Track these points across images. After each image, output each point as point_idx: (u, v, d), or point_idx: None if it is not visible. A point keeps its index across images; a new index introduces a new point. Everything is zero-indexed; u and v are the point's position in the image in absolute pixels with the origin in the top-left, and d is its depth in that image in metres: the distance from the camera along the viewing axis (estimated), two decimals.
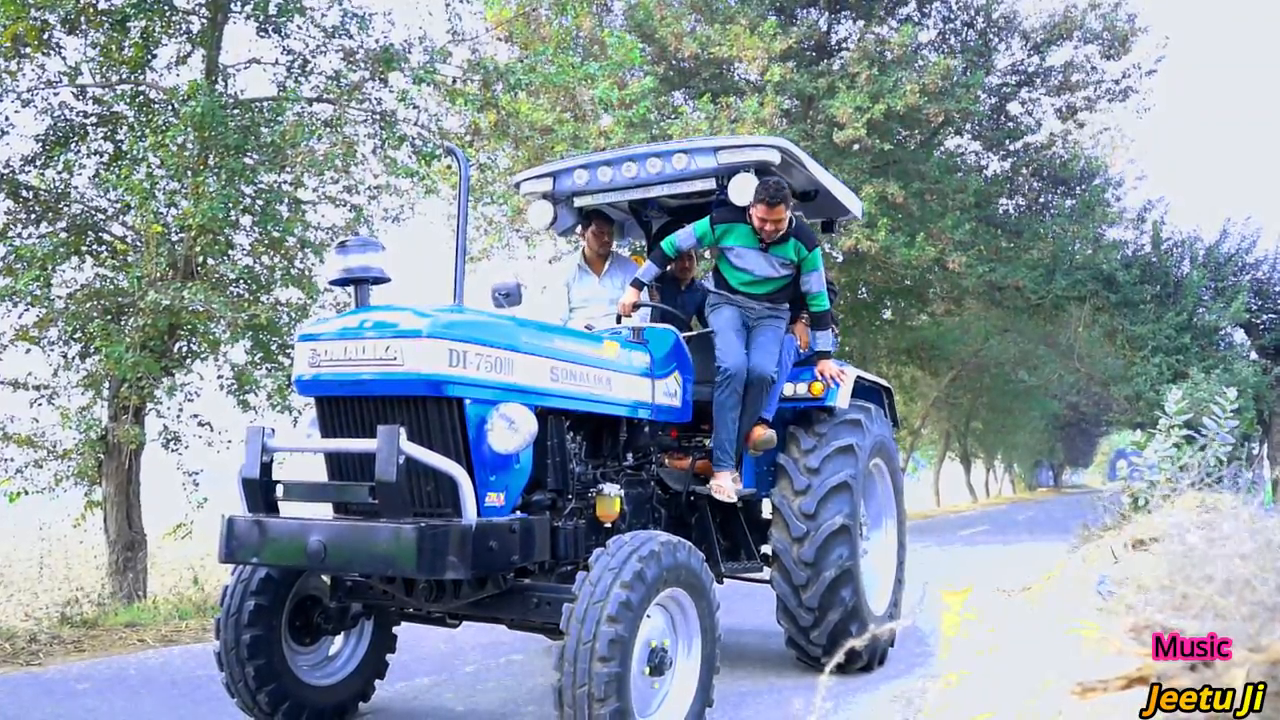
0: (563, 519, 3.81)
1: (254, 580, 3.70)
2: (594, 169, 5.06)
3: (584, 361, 3.93)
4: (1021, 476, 53.68)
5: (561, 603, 3.26)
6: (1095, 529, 10.62)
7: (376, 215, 9.77)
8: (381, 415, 3.32)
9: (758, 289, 5.01)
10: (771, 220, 4.75)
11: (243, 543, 3.26)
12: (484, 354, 3.36)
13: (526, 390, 3.55)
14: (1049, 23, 16.20)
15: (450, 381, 3.24)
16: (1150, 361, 16.13)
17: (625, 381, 4.20)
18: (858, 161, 14.75)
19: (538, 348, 3.67)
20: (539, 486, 3.73)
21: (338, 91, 8.67)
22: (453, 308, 3.53)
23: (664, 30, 14.99)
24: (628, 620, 3.06)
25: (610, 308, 5.52)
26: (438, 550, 2.98)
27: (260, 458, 3.28)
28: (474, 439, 3.31)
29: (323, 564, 3.12)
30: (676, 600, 3.43)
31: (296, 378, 3.43)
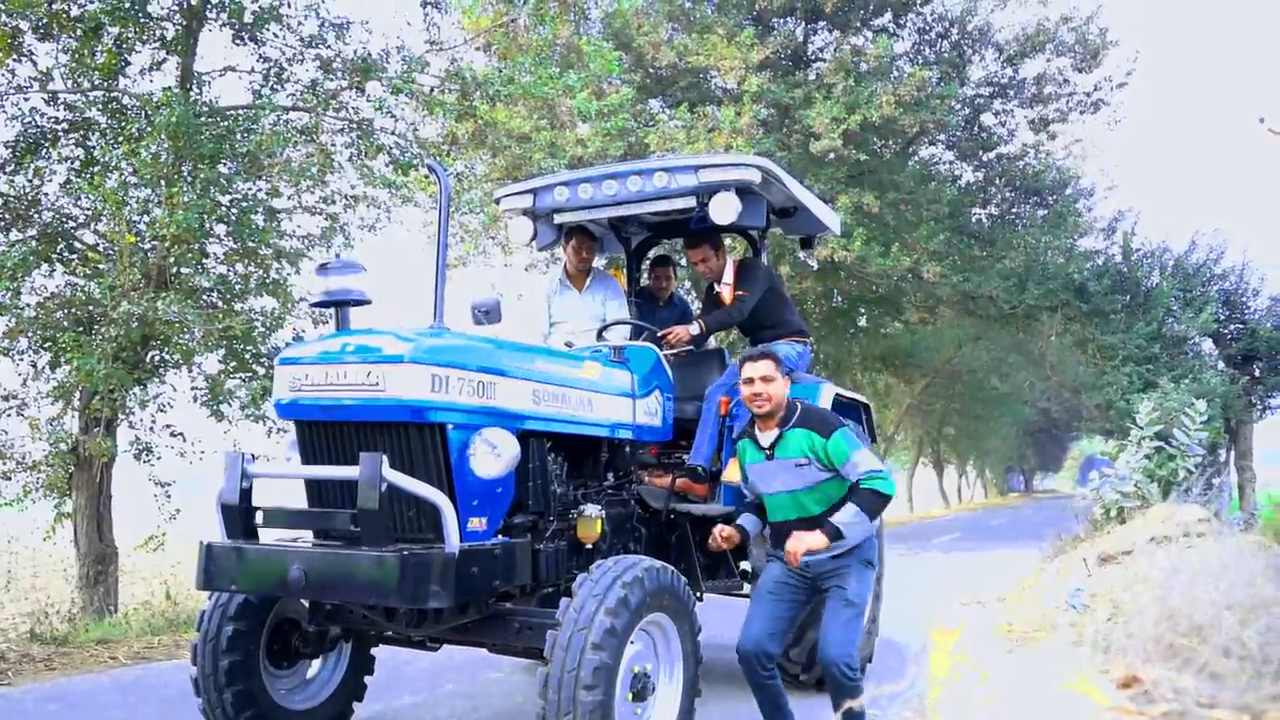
0: (544, 541, 3.80)
1: (232, 605, 3.66)
2: (574, 186, 5.05)
3: (566, 383, 3.93)
4: (993, 481, 54.14)
5: (544, 628, 3.25)
6: (1067, 539, 10.74)
7: (353, 224, 9.72)
8: (363, 440, 3.30)
9: (798, 511, 3.84)
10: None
11: (221, 569, 3.23)
12: (466, 378, 3.35)
13: (509, 414, 3.54)
14: (1022, 35, 16.37)
15: (433, 407, 3.22)
16: (1121, 371, 16.30)
17: (606, 402, 4.19)
18: (834, 171, 14.82)
19: (519, 370, 3.66)
20: (520, 509, 3.72)
21: (314, 100, 8.62)
22: (434, 331, 3.51)
23: (641, 39, 15.02)
24: (612, 647, 3.06)
25: (591, 323, 5.53)
26: (420, 579, 2.96)
27: (240, 483, 3.24)
28: (456, 464, 3.30)
29: (304, 592, 3.09)
30: (659, 625, 3.43)
31: (276, 401, 3.39)
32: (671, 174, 4.85)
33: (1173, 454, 9.93)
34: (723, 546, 3.88)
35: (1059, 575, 8.64)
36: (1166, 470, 9.78)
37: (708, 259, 5.29)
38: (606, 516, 4.13)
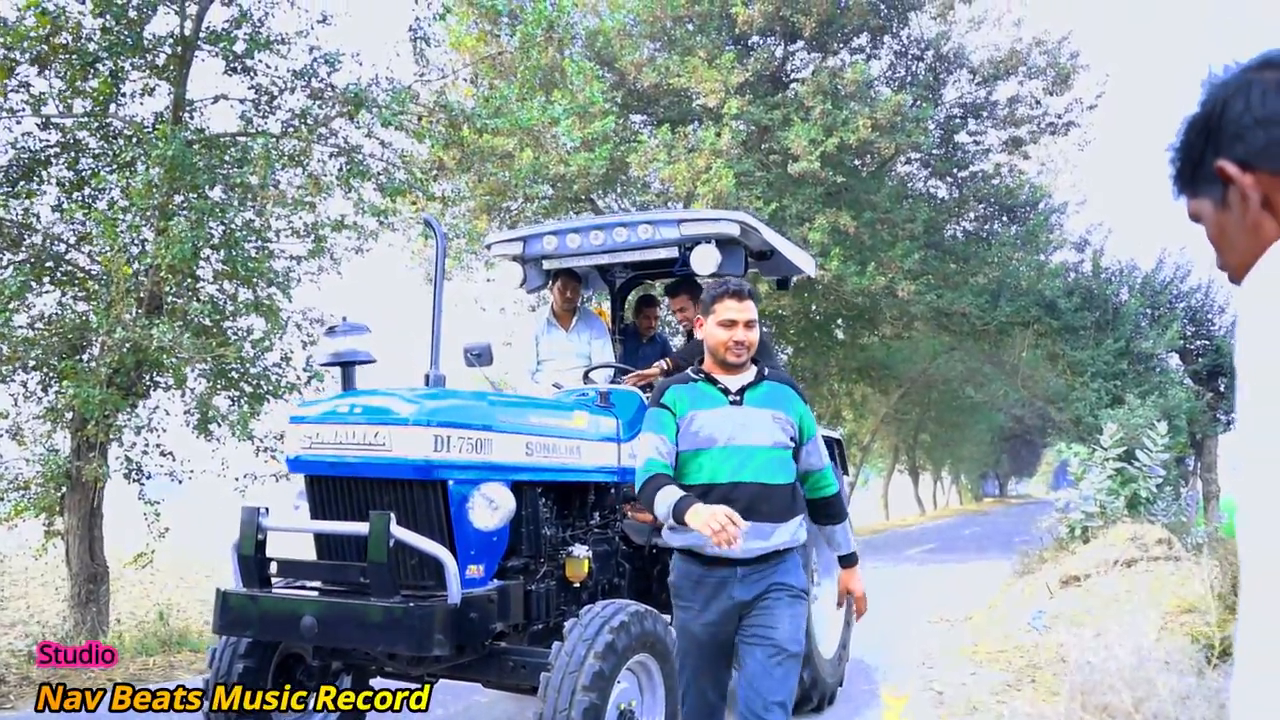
0: (535, 582, 4.06)
1: (241, 643, 3.90)
2: (563, 235, 5.31)
3: (555, 434, 4.19)
4: (968, 487, 54.74)
5: (537, 667, 3.51)
6: (1034, 556, 11.10)
7: (339, 245, 9.93)
8: (369, 495, 3.55)
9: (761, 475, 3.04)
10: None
11: (238, 616, 3.47)
12: (466, 436, 3.61)
13: (504, 467, 3.80)
14: (995, 58, 16.76)
15: (436, 465, 3.48)
16: (1090, 386, 16.71)
17: (593, 448, 4.46)
18: (811, 191, 15.15)
19: (513, 425, 3.92)
20: (514, 553, 3.98)
21: (305, 128, 8.83)
22: (436, 392, 3.76)
23: (623, 59, 15.31)
24: (601, 689, 3.32)
25: (577, 360, 5.80)
26: (426, 629, 3.22)
27: (255, 536, 3.49)
28: (456, 517, 3.56)
29: (315, 638, 3.34)
30: (644, 665, 3.69)
31: (288, 457, 3.64)
32: (655, 227, 5.12)
33: (1135, 475, 10.31)
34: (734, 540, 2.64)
35: (1024, 594, 9.00)
36: (1129, 491, 10.15)
37: (686, 308, 5.58)
38: (593, 555, 4.40)
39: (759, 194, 14.88)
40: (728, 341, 3.10)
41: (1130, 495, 10.24)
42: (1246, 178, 1.09)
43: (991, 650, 6.91)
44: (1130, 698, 3.28)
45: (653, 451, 3.06)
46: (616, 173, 15.37)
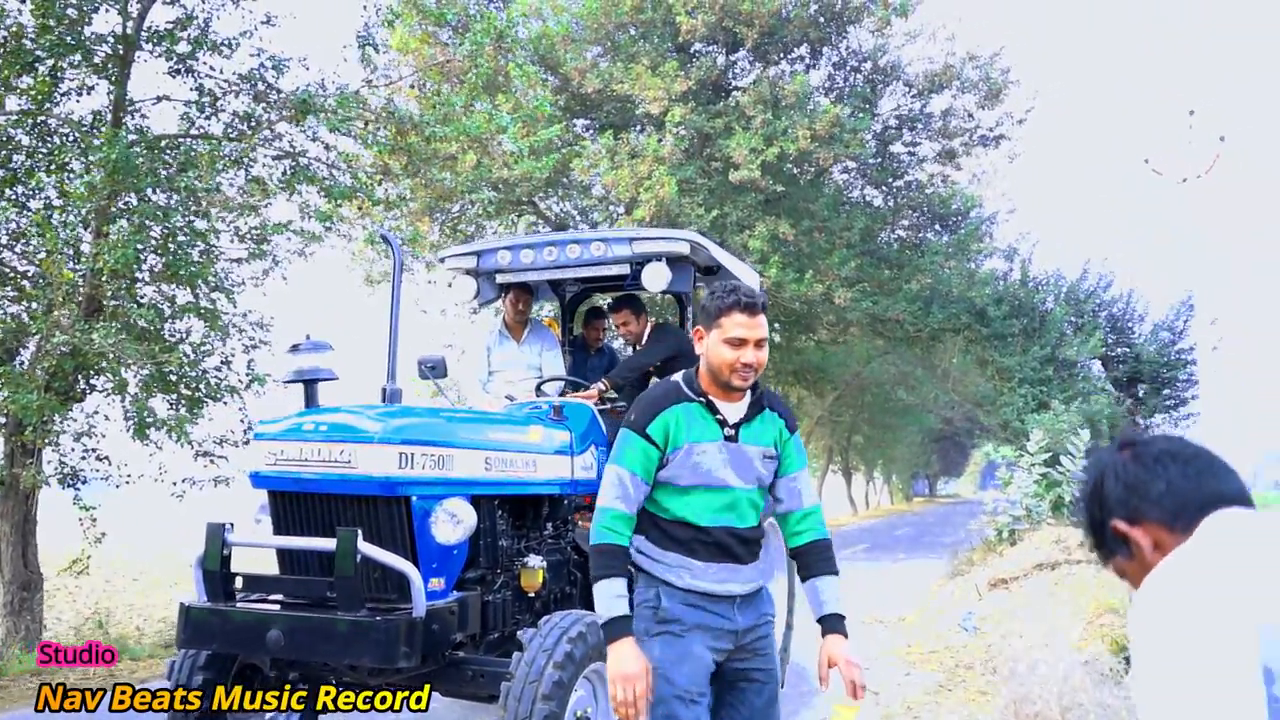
0: (492, 592, 4.18)
1: (201, 655, 3.94)
2: (516, 251, 5.42)
3: (512, 449, 4.31)
4: (899, 487, 55.86)
5: (496, 676, 3.63)
6: (963, 558, 11.50)
7: (281, 248, 9.87)
8: (333, 510, 3.63)
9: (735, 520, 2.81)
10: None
11: (202, 630, 3.53)
12: (429, 453, 3.71)
13: (465, 482, 3.91)
14: (930, 71, 17.22)
15: (400, 482, 3.58)
16: (1017, 392, 17.28)
17: (548, 462, 4.58)
18: (751, 199, 15.42)
19: (473, 441, 4.03)
20: (472, 565, 4.09)
21: (250, 131, 8.78)
22: (399, 410, 3.86)
23: (568, 65, 15.41)
24: (559, 697, 3.45)
25: (528, 372, 5.92)
26: (392, 642, 3.32)
27: (221, 551, 3.55)
28: (419, 531, 3.66)
29: (281, 651, 3.42)
30: (598, 672, 3.83)
31: (252, 473, 3.70)
32: (608, 244, 5.26)
33: (1059, 479, 10.75)
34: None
35: (955, 595, 9.34)
36: (1053, 495, 10.59)
37: (629, 323, 5.75)
38: (547, 565, 4.52)
39: (700, 201, 15.10)
40: (734, 363, 2.65)
41: (1055, 499, 10.67)
42: (1135, 531, 1.44)
43: (924, 651, 7.19)
44: (1058, 706, 3.53)
45: (617, 498, 2.68)
46: (559, 176, 15.47)
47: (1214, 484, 1.42)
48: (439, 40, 13.05)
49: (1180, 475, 1.43)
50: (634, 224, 14.78)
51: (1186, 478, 1.43)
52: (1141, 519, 1.44)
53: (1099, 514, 1.51)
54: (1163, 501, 1.42)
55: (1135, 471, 1.46)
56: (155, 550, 16.79)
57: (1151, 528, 1.43)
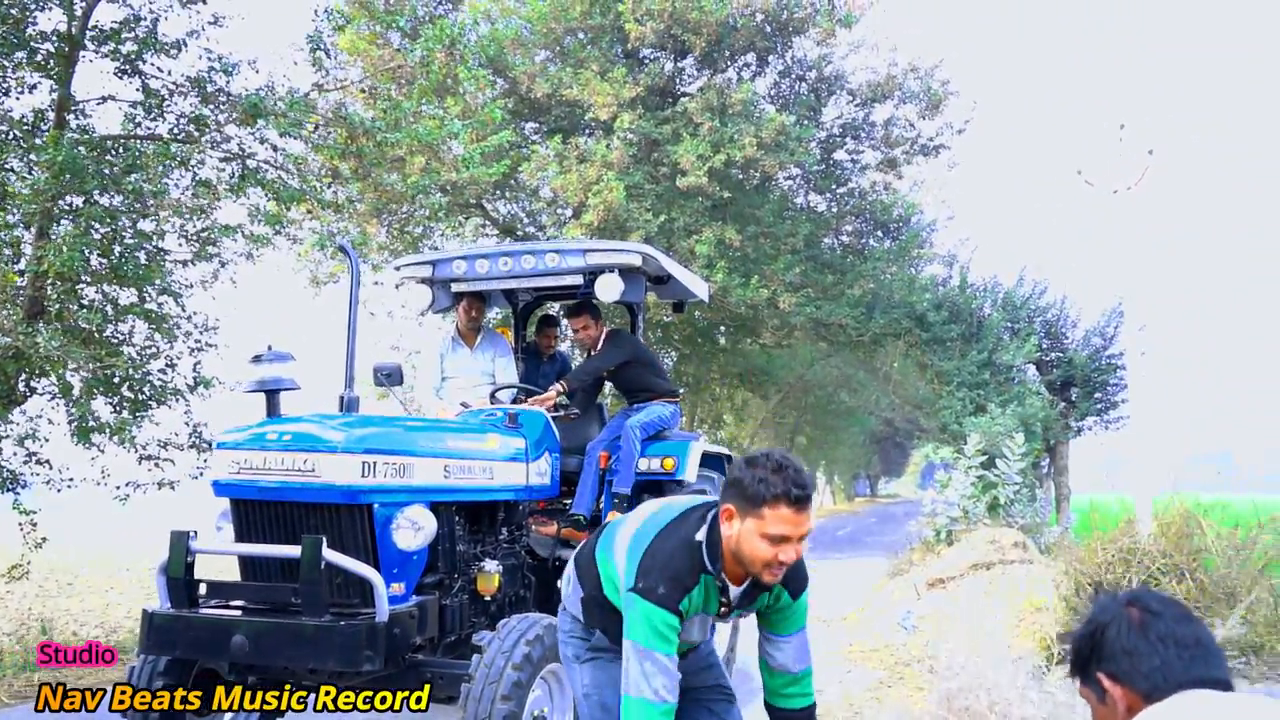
0: (450, 597, 4.29)
1: (161, 660, 3.99)
2: (472, 261, 5.53)
3: (470, 456, 4.42)
4: (841, 487, 56.67)
5: (455, 679, 3.74)
6: (903, 558, 11.82)
7: (228, 249, 9.82)
8: (296, 518, 3.72)
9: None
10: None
11: (165, 636, 3.59)
12: (390, 462, 3.81)
13: (425, 489, 4.01)
14: (873, 82, 17.60)
15: (363, 491, 3.68)
16: (955, 395, 17.71)
17: (504, 469, 4.70)
18: (698, 205, 15.64)
19: (432, 449, 4.14)
20: (431, 570, 4.19)
21: (198, 133, 8.74)
22: (361, 419, 3.95)
23: (517, 69, 15.49)
24: (518, 697, 3.58)
25: (482, 378, 6.03)
26: (356, 645, 3.42)
27: (185, 559, 3.62)
28: (380, 538, 3.76)
29: (246, 656, 3.50)
30: (555, 673, 3.96)
31: (215, 481, 3.77)
32: (562, 255, 5.40)
33: (994, 482, 11.12)
34: None
35: (894, 595, 9.62)
36: (989, 496, 10.95)
37: (587, 327, 5.89)
38: (502, 570, 4.64)
39: (648, 206, 15.27)
40: (772, 560, 2.41)
41: (990, 500, 11.03)
42: (1116, 689, 1.59)
43: (866, 649, 7.43)
44: (987, 700, 3.76)
45: (662, 687, 2.41)
46: (507, 179, 15.53)
47: (1201, 670, 1.57)
48: (388, 41, 13.05)
49: (1175, 658, 1.58)
50: (583, 228, 14.90)
51: (1180, 661, 1.58)
52: (1126, 683, 1.60)
53: (1089, 653, 1.67)
54: (1151, 677, 1.58)
55: (1137, 642, 1.60)
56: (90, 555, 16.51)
57: (1130, 693, 1.59)
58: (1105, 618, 1.67)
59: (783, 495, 2.35)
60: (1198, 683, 1.55)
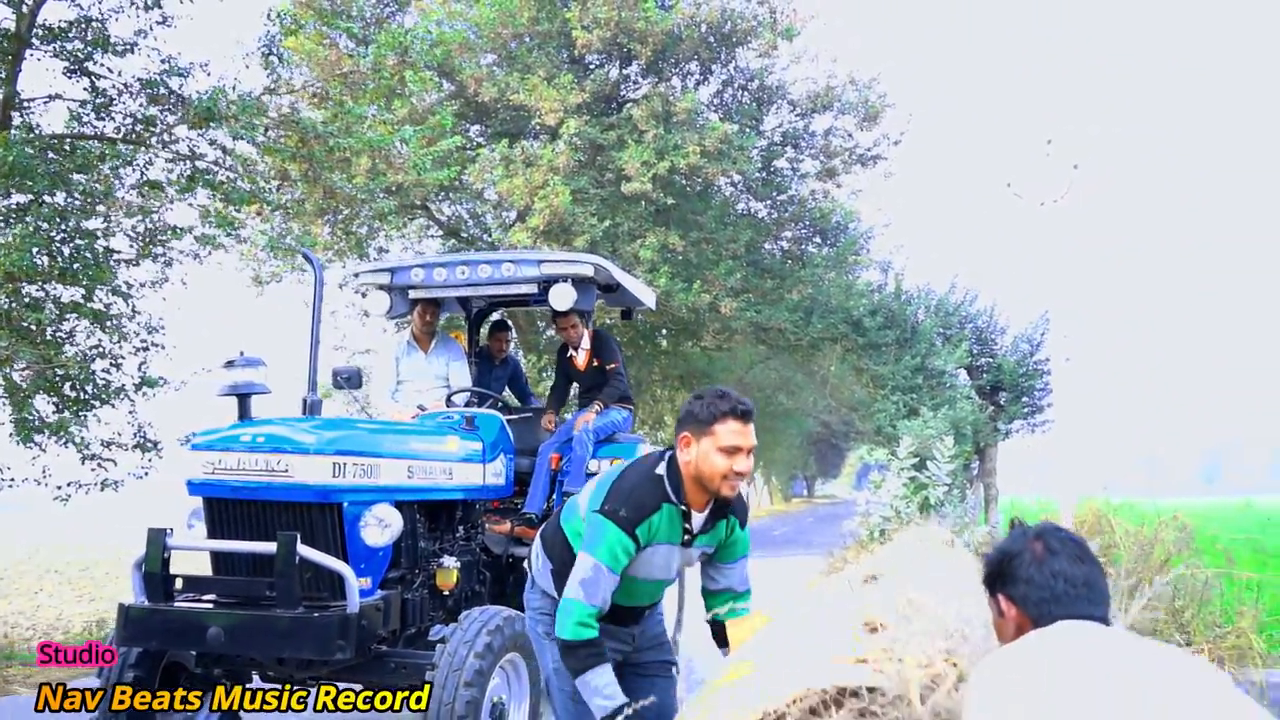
0: (411, 591, 4.51)
1: (132, 654, 4.15)
2: (430, 269, 5.74)
3: (432, 457, 4.64)
4: (778, 488, 57.45)
5: (419, 668, 3.97)
6: (838, 555, 12.22)
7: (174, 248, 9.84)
8: (268, 515, 3.91)
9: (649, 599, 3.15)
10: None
11: (142, 628, 3.76)
12: (359, 463, 4.03)
13: (390, 489, 4.23)
14: (813, 92, 18.07)
15: (334, 490, 3.89)
16: (889, 399, 18.26)
17: (463, 469, 4.93)
18: (642, 210, 15.95)
19: (397, 451, 4.36)
20: (394, 566, 4.41)
21: (147, 134, 8.78)
22: (331, 421, 4.16)
23: (464, 73, 15.63)
24: (480, 684, 3.82)
25: (436, 382, 6.23)
26: (329, 636, 3.63)
27: (162, 554, 3.80)
28: (349, 535, 3.97)
29: (222, 647, 3.68)
30: (513, 663, 4.21)
31: (189, 480, 3.94)
32: (517, 265, 5.64)
33: (926, 483, 11.58)
34: None
35: (831, 592, 9.99)
36: (920, 496, 11.40)
37: (576, 325, 6.14)
38: (460, 565, 4.87)
39: (593, 211, 15.52)
40: (727, 471, 2.72)
41: (922, 500, 11.48)
42: (1011, 610, 1.88)
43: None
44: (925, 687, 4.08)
45: (591, 595, 2.71)
46: (453, 181, 15.66)
47: (1084, 608, 1.83)
48: (334, 43, 13.11)
49: (1064, 593, 1.83)
50: (528, 231, 15.10)
51: (1067, 596, 1.83)
52: (1020, 607, 1.87)
53: (996, 573, 1.93)
54: (1041, 606, 1.84)
55: (1034, 573, 1.86)
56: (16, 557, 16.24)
57: (1022, 616, 1.87)
58: (1014, 548, 1.93)
59: (729, 411, 2.71)
60: (1079, 617, 1.82)
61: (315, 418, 4.23)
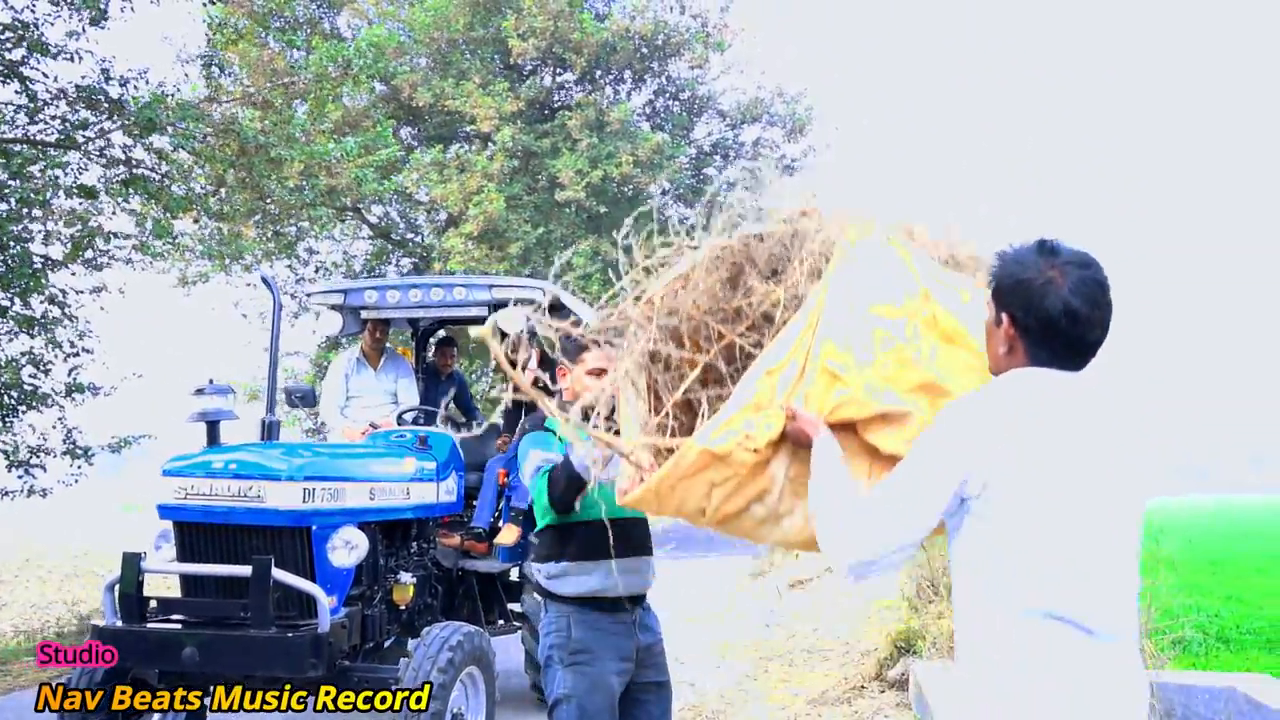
0: (371, 607, 4.71)
1: (98, 672, 4.26)
2: (383, 291, 5.93)
3: (391, 479, 4.85)
4: None
5: (380, 681, 4.18)
6: (765, 558, 12.64)
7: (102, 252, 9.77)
8: (239, 539, 4.08)
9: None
10: None
11: (116, 648, 3.90)
12: (328, 487, 4.22)
13: (355, 511, 4.43)
14: (742, 103, 18.52)
15: (305, 514, 4.08)
16: None
17: (418, 489, 5.14)
18: (575, 218, 16.18)
19: (361, 474, 4.57)
20: (356, 583, 4.60)
21: (81, 138, 8.73)
22: (295, 447, 4.35)
23: (399, 77, 15.66)
24: (443, 697, 4.05)
25: (385, 399, 6.41)
26: (303, 654, 3.82)
27: (137, 577, 3.94)
28: (318, 556, 4.17)
29: (196, 666, 3.85)
30: (471, 675, 4.44)
31: (160, 505, 4.09)
32: (469, 289, 5.86)
33: None
34: None
35: (758, 594, 10.40)
36: None
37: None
38: (415, 580, 5.08)
39: (527, 217, 15.71)
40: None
41: None
42: (1010, 329, 1.89)
43: (733, 644, 8.13)
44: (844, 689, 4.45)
45: (542, 461, 3.04)
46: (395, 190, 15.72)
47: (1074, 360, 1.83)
48: (265, 43, 13.03)
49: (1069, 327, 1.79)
50: (462, 237, 15.22)
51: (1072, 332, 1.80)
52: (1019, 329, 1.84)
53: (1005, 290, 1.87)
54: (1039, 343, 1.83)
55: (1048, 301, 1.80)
56: None
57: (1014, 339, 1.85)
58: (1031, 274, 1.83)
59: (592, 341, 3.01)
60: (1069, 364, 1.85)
61: (281, 443, 4.41)
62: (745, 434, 2.10)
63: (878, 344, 2.11)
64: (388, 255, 18.65)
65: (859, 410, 2.10)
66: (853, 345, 2.11)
